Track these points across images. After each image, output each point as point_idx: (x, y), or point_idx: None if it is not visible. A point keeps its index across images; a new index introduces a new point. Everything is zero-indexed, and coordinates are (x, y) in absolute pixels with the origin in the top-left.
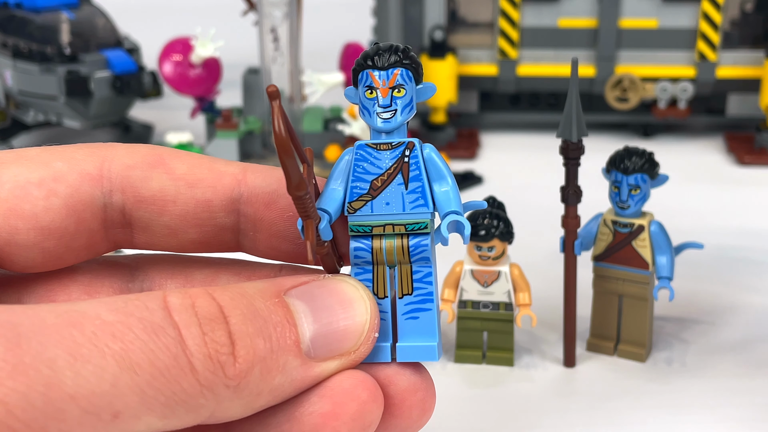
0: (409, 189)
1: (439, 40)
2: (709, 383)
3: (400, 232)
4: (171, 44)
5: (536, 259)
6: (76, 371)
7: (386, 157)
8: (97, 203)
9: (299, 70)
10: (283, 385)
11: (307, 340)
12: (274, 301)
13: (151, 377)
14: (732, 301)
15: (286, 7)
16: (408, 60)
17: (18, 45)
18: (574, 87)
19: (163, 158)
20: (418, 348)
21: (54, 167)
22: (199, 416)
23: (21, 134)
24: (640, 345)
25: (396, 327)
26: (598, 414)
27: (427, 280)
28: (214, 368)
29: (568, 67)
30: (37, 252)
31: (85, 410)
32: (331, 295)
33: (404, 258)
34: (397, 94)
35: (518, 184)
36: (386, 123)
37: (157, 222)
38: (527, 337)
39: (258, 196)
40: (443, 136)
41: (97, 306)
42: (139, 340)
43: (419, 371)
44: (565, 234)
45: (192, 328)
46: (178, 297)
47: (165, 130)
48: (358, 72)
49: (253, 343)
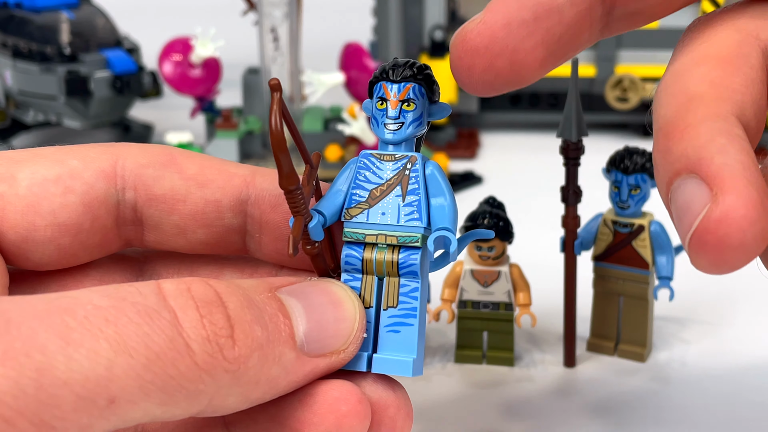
0: (405, 201)
1: (439, 40)
2: (709, 383)
3: (392, 243)
4: (171, 44)
5: (536, 259)
6: (68, 356)
7: (388, 168)
8: (111, 200)
9: (299, 70)
10: (279, 376)
11: (301, 335)
12: (268, 294)
13: (147, 360)
14: (732, 301)
15: (286, 7)
16: (422, 76)
17: (18, 45)
18: (574, 87)
19: (175, 158)
20: (393, 361)
21: (70, 165)
22: (197, 404)
23: (21, 134)
24: (640, 345)
25: (377, 338)
26: (598, 414)
27: (413, 294)
28: (212, 350)
29: (568, 67)
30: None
31: (79, 396)
32: (322, 295)
33: (393, 270)
34: (407, 107)
35: (518, 184)
36: (393, 135)
37: (167, 221)
38: (527, 337)
39: (265, 198)
40: (443, 136)
41: (89, 292)
42: (132, 324)
43: (393, 388)
44: (565, 234)
45: (189, 311)
46: (173, 283)
47: (165, 130)
48: (373, 84)
49: (252, 329)
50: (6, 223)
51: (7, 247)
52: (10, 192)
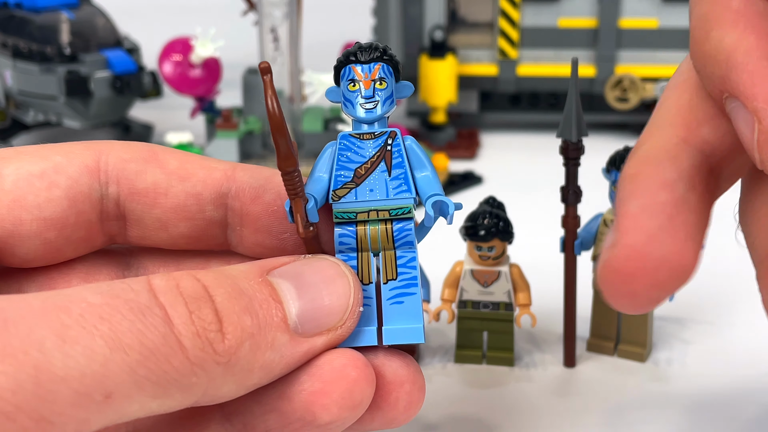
0: (392, 176)
1: (439, 40)
2: (709, 383)
3: (384, 218)
4: (171, 44)
5: (536, 259)
6: (65, 352)
7: (369, 146)
8: (95, 195)
9: (299, 70)
10: (273, 361)
11: (294, 317)
12: (258, 280)
13: (142, 356)
14: (732, 301)
15: (286, 7)
16: (387, 56)
17: (18, 45)
18: (574, 87)
19: (157, 154)
20: (404, 330)
21: (54, 160)
22: (192, 395)
23: (21, 134)
24: (640, 345)
25: (381, 312)
26: (598, 414)
27: (411, 264)
28: (203, 345)
29: (568, 67)
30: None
31: (76, 391)
32: (314, 273)
33: (388, 243)
34: (380, 86)
35: (518, 184)
36: (369, 113)
37: (149, 215)
38: (527, 337)
39: (245, 191)
40: (443, 136)
41: (83, 290)
42: (126, 321)
43: (407, 363)
44: (565, 234)
45: (178, 308)
46: (162, 279)
47: (165, 130)
48: (340, 68)
49: (240, 319)
50: None
51: None
52: None
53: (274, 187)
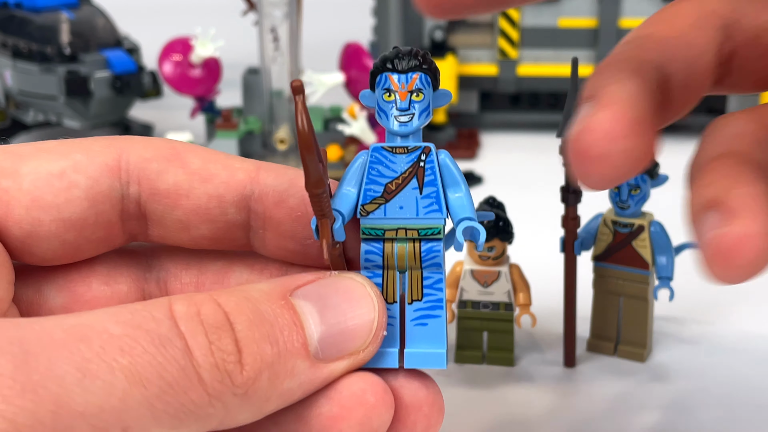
0: (423, 194)
1: (439, 40)
2: (709, 383)
3: (412, 237)
4: (171, 44)
5: (536, 259)
6: (84, 387)
7: (402, 161)
8: (115, 195)
9: (299, 70)
10: (292, 388)
11: (315, 342)
12: (280, 303)
13: (160, 390)
14: (732, 301)
15: (286, 7)
16: (427, 65)
17: (18, 45)
18: (574, 87)
19: (179, 152)
20: (426, 355)
21: (73, 159)
22: (208, 425)
23: (21, 134)
24: (640, 345)
25: (404, 333)
26: (598, 414)
27: (438, 286)
28: (221, 377)
29: (568, 67)
30: (58, 244)
31: (94, 427)
32: (338, 294)
33: (415, 263)
34: (416, 98)
35: (518, 184)
36: (403, 126)
37: (170, 216)
38: (527, 337)
39: (268, 194)
40: (443, 136)
41: (104, 318)
42: (147, 354)
43: (426, 384)
44: (565, 234)
45: (198, 338)
46: (184, 304)
47: (165, 130)
48: (376, 75)
49: (260, 348)
50: (10, 219)
51: (12, 242)
52: (14, 187)
53: (298, 191)
